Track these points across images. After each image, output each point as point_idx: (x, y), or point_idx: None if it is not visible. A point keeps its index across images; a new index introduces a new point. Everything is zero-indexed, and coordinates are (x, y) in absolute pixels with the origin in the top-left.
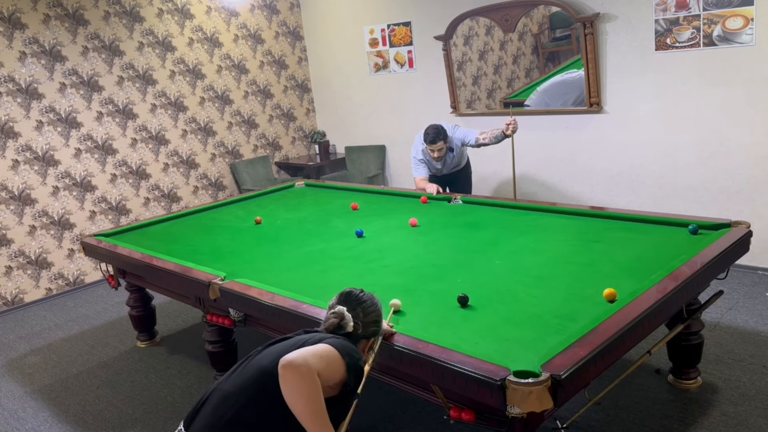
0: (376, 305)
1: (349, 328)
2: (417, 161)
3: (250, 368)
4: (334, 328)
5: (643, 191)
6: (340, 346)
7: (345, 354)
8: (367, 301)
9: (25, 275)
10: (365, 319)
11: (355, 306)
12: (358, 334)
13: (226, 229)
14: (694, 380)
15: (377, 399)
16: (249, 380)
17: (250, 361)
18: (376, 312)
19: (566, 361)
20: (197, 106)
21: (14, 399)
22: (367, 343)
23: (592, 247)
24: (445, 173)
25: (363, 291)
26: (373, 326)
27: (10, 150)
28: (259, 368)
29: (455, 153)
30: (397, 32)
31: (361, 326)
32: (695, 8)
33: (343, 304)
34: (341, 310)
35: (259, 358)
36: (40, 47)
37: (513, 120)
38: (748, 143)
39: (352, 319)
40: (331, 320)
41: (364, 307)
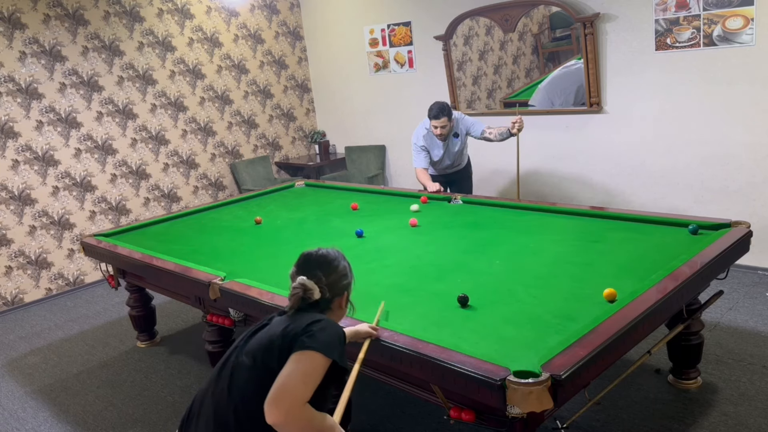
0: (337, 260)
1: (316, 295)
2: (418, 148)
3: (239, 369)
4: (301, 301)
5: (643, 191)
6: (321, 343)
7: (329, 352)
8: (328, 261)
9: (25, 275)
10: (330, 279)
11: (315, 270)
12: (327, 298)
13: (226, 229)
14: (694, 380)
15: (377, 399)
16: (240, 381)
17: (232, 363)
18: (339, 268)
19: (566, 361)
20: (197, 106)
21: (14, 399)
22: (341, 299)
23: (592, 247)
24: (447, 171)
25: (321, 250)
26: (341, 283)
27: (10, 150)
28: (246, 367)
29: (460, 141)
30: (397, 32)
31: (327, 289)
32: (695, 8)
33: (303, 272)
34: (302, 281)
35: (242, 361)
36: (40, 47)
37: (519, 119)
38: (748, 143)
39: (316, 285)
40: (296, 295)
41: (325, 269)
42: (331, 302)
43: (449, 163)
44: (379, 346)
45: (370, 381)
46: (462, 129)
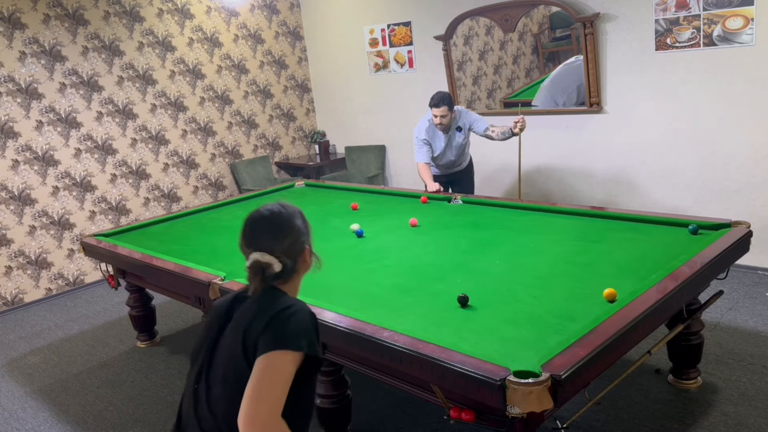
0: (288, 218)
1: (277, 268)
2: (419, 141)
3: (215, 398)
4: (261, 282)
5: (643, 191)
6: (286, 337)
7: (296, 344)
8: (279, 223)
9: (25, 275)
10: (286, 244)
11: (267, 240)
12: (289, 265)
13: (226, 229)
14: (694, 380)
15: (377, 399)
16: (220, 408)
17: (204, 385)
18: (292, 226)
19: (566, 361)
20: (197, 106)
21: (14, 399)
22: (303, 256)
23: (592, 247)
24: (450, 170)
25: (264, 210)
26: (299, 241)
27: (10, 150)
28: (222, 395)
29: (463, 134)
30: (397, 32)
31: (286, 256)
32: (695, 8)
33: (254, 245)
34: (257, 258)
35: (215, 386)
36: (40, 47)
37: (521, 119)
38: (748, 143)
39: (272, 257)
40: (255, 277)
41: (277, 234)
42: (294, 265)
43: (452, 159)
44: (379, 346)
45: (370, 381)
46: (465, 123)
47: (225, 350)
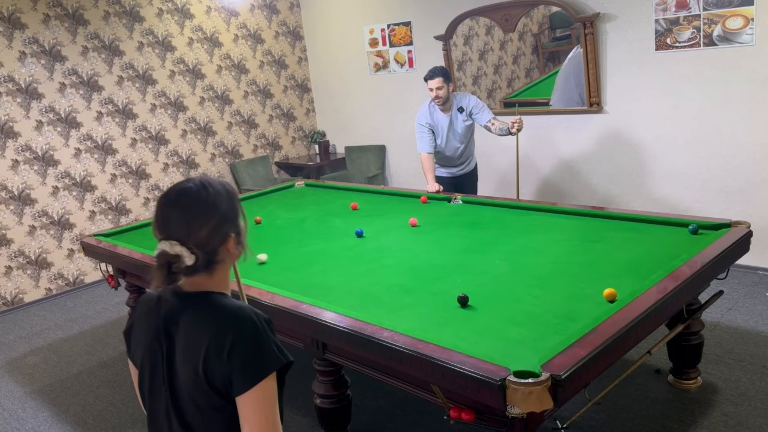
0: (208, 199)
1: (188, 261)
2: (421, 127)
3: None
4: (167, 278)
5: (643, 191)
6: (262, 364)
7: (279, 362)
8: (196, 206)
9: (25, 275)
10: (201, 234)
11: (179, 226)
12: (203, 259)
13: None
14: (694, 380)
15: (377, 399)
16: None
17: (172, 411)
18: (214, 209)
19: (566, 361)
20: (197, 106)
21: (14, 399)
22: (227, 246)
23: (593, 247)
24: (457, 171)
25: (181, 187)
26: (222, 229)
27: (10, 150)
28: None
29: (465, 115)
30: (397, 32)
31: (201, 248)
32: (695, 8)
33: (164, 232)
34: (163, 249)
35: (187, 412)
36: (40, 47)
37: (519, 119)
38: (748, 143)
39: (183, 248)
40: (159, 273)
41: (191, 223)
42: (214, 256)
43: (457, 146)
44: (379, 346)
45: (370, 381)
46: (467, 105)
47: (184, 379)
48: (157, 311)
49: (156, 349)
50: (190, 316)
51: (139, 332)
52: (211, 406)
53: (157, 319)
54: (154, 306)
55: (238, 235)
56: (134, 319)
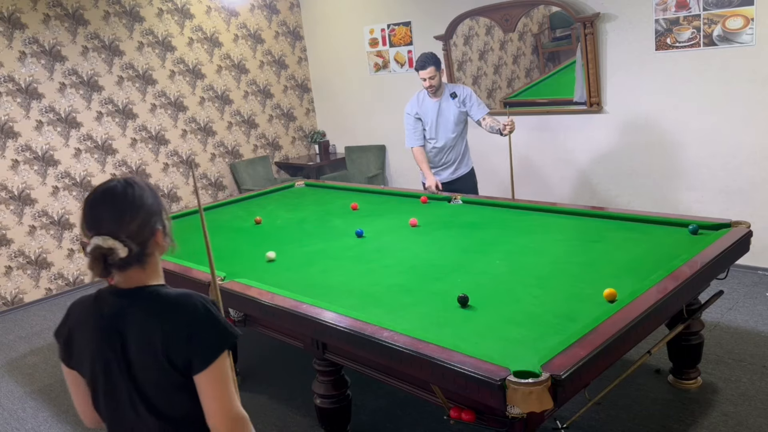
0: (133, 198)
1: (122, 254)
2: (410, 119)
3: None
4: (104, 270)
5: (643, 191)
6: (215, 341)
7: (229, 339)
8: (124, 205)
9: (25, 275)
10: (131, 227)
11: (109, 223)
12: (136, 250)
13: (226, 229)
14: (694, 380)
15: (377, 399)
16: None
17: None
18: (139, 206)
19: (566, 361)
20: (197, 106)
21: (14, 399)
22: (155, 239)
23: (592, 247)
24: (450, 158)
25: (107, 188)
26: (149, 223)
27: (10, 150)
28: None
29: (458, 104)
30: (397, 32)
31: (132, 240)
32: (695, 8)
33: (95, 229)
34: (97, 244)
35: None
36: (40, 47)
37: (510, 121)
38: (748, 143)
39: (116, 241)
40: (95, 266)
41: (121, 218)
42: (145, 249)
43: (449, 135)
44: (379, 346)
45: (370, 381)
46: (461, 94)
47: (145, 368)
48: (97, 313)
49: (106, 349)
50: (139, 311)
51: (81, 338)
52: (175, 387)
53: (101, 320)
54: (92, 309)
55: (164, 228)
56: (71, 326)
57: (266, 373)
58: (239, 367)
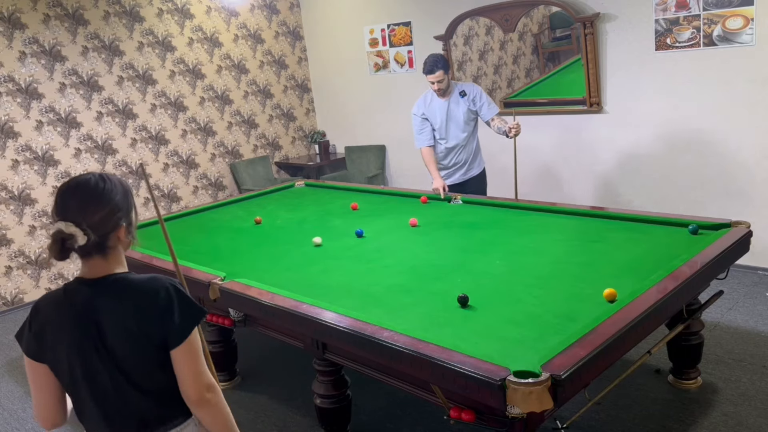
0: (101, 193)
1: (80, 241)
2: (416, 120)
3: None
4: (60, 253)
5: (643, 191)
6: (186, 321)
7: (198, 315)
8: (89, 197)
9: (25, 275)
10: (93, 219)
11: (74, 212)
12: (94, 240)
13: (226, 229)
14: (694, 380)
15: (377, 399)
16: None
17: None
18: (105, 202)
19: (566, 361)
20: (197, 106)
21: (14, 399)
22: (118, 233)
23: (592, 247)
24: (462, 159)
25: (80, 180)
26: (112, 218)
27: (10, 150)
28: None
29: (468, 102)
30: (397, 32)
31: (93, 231)
32: (695, 8)
33: (61, 216)
34: (59, 228)
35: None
36: (40, 47)
37: (516, 125)
38: (748, 143)
39: (77, 229)
40: (54, 248)
41: (85, 209)
42: (106, 241)
43: (460, 135)
44: (379, 346)
45: (370, 381)
46: (470, 92)
47: (123, 349)
48: (69, 304)
49: (82, 338)
50: (110, 298)
51: (55, 332)
52: (153, 363)
53: (74, 310)
54: (63, 301)
55: (129, 225)
56: (42, 321)
57: (266, 373)
58: (239, 367)
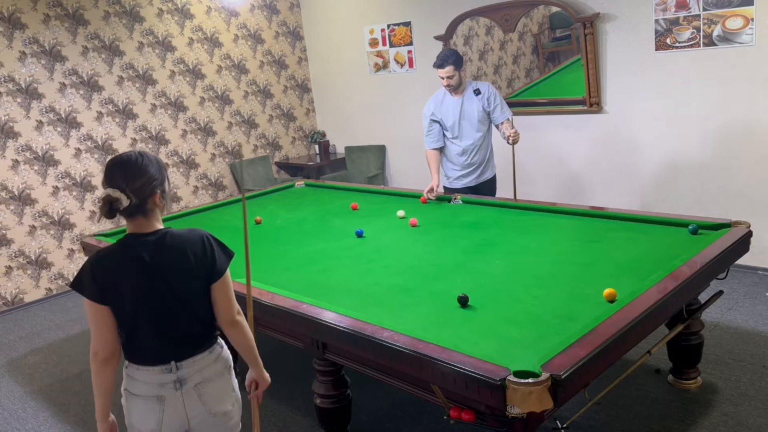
0: (140, 165)
1: (124, 203)
2: (427, 121)
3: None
4: (108, 213)
5: (643, 191)
6: (225, 258)
7: (231, 256)
8: (130, 168)
9: (25, 275)
10: (135, 186)
11: (119, 180)
12: (135, 202)
13: (226, 229)
14: (694, 380)
15: (377, 399)
16: (200, 309)
17: (173, 306)
18: (144, 172)
19: (566, 361)
20: (197, 106)
21: (14, 399)
22: (154, 198)
23: (592, 247)
24: (476, 160)
25: (123, 156)
26: (149, 186)
27: (10, 150)
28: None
29: (482, 101)
30: (397, 32)
31: (134, 195)
32: (695, 8)
33: (109, 184)
34: (108, 193)
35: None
36: (40, 47)
37: (515, 132)
38: (748, 143)
39: (122, 194)
40: (104, 209)
41: (128, 178)
42: (145, 204)
43: (475, 134)
44: (379, 346)
45: (370, 381)
46: (485, 91)
47: (182, 283)
48: (132, 255)
49: (146, 279)
50: (166, 246)
51: (120, 278)
52: (204, 294)
53: (138, 258)
54: (124, 253)
55: (163, 192)
56: (106, 270)
57: None
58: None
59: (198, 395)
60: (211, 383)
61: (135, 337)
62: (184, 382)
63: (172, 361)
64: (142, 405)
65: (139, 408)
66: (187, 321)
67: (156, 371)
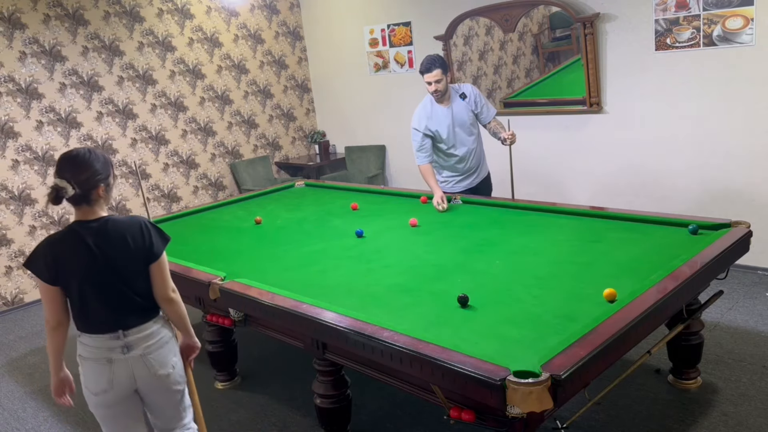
0: (86, 160)
1: (69, 192)
2: (418, 136)
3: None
4: (55, 200)
5: (643, 191)
6: (162, 245)
7: (168, 238)
8: (77, 162)
9: (25, 275)
10: (80, 178)
11: (65, 172)
12: (79, 193)
13: (226, 229)
14: (694, 380)
15: (377, 399)
16: (137, 286)
17: (114, 284)
18: (86, 167)
19: (566, 361)
20: (197, 106)
21: (14, 399)
22: (98, 191)
23: (592, 247)
24: (473, 164)
25: (72, 152)
26: (94, 179)
27: (10, 150)
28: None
29: (468, 104)
30: (397, 32)
31: (79, 187)
32: (695, 8)
33: (58, 175)
34: (55, 182)
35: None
36: (40, 47)
37: (512, 134)
38: (748, 143)
39: (68, 184)
40: (50, 196)
41: (74, 171)
42: (89, 194)
43: (470, 138)
44: (379, 346)
45: (370, 381)
46: (470, 93)
47: (123, 264)
48: (79, 238)
49: (89, 260)
50: (109, 231)
51: (68, 260)
52: (144, 274)
53: (83, 242)
54: (71, 238)
55: (108, 186)
56: (55, 253)
57: (266, 373)
58: (239, 366)
59: (143, 360)
60: (155, 351)
61: (84, 310)
62: (131, 347)
63: (119, 330)
64: (94, 366)
65: (92, 369)
66: (129, 296)
67: (105, 338)
